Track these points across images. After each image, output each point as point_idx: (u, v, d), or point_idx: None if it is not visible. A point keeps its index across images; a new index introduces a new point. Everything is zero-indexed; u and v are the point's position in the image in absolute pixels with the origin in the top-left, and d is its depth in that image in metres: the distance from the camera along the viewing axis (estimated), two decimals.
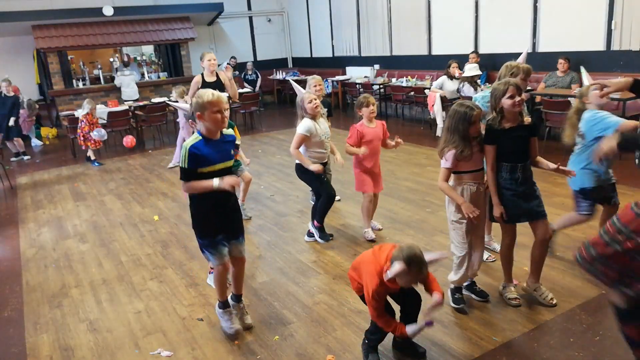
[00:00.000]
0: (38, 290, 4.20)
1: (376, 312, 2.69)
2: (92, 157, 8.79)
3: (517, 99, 3.05)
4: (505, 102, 3.08)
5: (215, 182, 2.89)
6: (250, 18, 15.00)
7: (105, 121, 9.74)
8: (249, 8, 14.89)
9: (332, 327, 3.30)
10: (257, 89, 13.03)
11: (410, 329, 2.66)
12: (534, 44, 8.37)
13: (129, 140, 8.96)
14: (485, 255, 3.92)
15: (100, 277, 4.36)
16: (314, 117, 4.37)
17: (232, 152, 3.10)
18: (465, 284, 3.50)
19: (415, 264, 2.48)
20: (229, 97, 6.08)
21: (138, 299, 3.91)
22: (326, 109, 5.37)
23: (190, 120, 3.63)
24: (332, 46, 13.75)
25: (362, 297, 2.83)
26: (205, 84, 5.83)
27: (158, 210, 6.03)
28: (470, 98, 7.67)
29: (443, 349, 2.98)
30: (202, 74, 6.02)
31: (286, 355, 3.06)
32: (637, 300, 2.13)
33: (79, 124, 8.72)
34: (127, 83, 11.77)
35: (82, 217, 6.02)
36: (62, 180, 7.87)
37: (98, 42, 11.86)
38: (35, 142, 11.17)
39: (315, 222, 4.61)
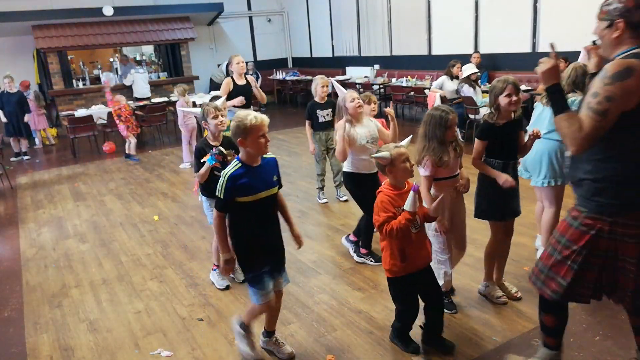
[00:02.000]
0: (38, 290, 4.20)
1: (384, 222, 2.72)
2: (133, 152, 8.86)
3: (514, 98, 3.06)
4: (503, 100, 3.08)
5: (224, 257, 2.75)
6: (250, 18, 15.00)
7: (105, 121, 9.75)
8: (249, 8, 14.89)
9: (332, 327, 3.30)
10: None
11: (407, 205, 2.66)
12: (534, 44, 8.36)
13: (108, 147, 9.06)
14: None
15: (100, 277, 4.36)
16: (355, 119, 3.92)
17: (275, 178, 2.84)
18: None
19: (395, 146, 2.79)
20: (252, 102, 6.04)
21: (138, 299, 3.91)
22: (330, 109, 5.42)
23: (203, 122, 3.63)
24: (332, 46, 13.75)
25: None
26: (235, 86, 5.89)
27: (158, 210, 6.03)
28: (470, 98, 7.71)
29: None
30: (232, 77, 6.00)
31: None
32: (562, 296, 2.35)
33: (119, 118, 8.74)
34: (142, 79, 11.83)
35: (82, 217, 6.02)
36: (62, 180, 7.87)
37: (98, 42, 11.86)
38: (36, 141, 11.13)
39: (362, 249, 4.22)
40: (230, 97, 5.77)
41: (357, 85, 11.46)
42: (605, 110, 2.02)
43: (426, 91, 9.22)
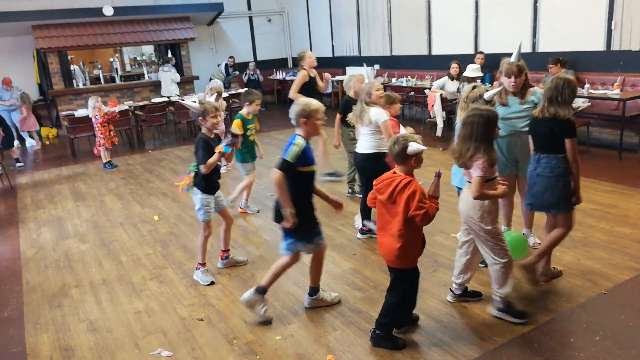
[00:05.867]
0: (38, 290, 4.20)
1: (428, 208, 2.78)
2: (108, 158, 8.43)
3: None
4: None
5: (290, 210, 3.17)
6: (250, 18, 15.00)
7: None
8: (249, 8, 14.89)
9: (332, 327, 3.30)
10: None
11: (431, 190, 2.87)
12: (534, 44, 8.36)
13: (98, 150, 8.96)
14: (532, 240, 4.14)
15: (100, 277, 4.36)
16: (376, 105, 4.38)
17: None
18: (458, 288, 3.43)
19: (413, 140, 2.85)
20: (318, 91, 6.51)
21: (138, 299, 3.91)
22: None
23: (200, 118, 3.87)
24: (332, 46, 13.75)
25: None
26: (310, 78, 6.35)
27: (158, 210, 6.03)
28: None
29: (443, 349, 2.98)
30: (306, 69, 6.37)
31: (286, 355, 3.06)
32: None
33: (94, 124, 8.29)
34: (165, 77, 11.85)
35: (82, 217, 6.02)
36: (62, 180, 7.87)
37: (98, 42, 11.86)
38: (30, 142, 11.01)
39: (363, 226, 4.68)
40: (303, 87, 6.17)
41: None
42: None
43: (426, 91, 9.22)
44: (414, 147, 2.80)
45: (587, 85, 7.10)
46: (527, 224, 4.23)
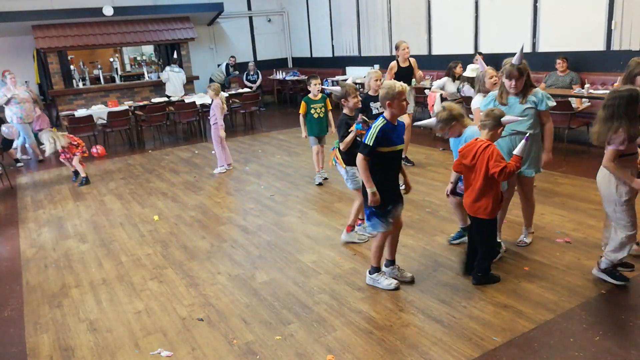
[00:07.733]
0: (38, 290, 4.20)
1: (505, 167, 3.24)
2: (78, 173, 7.56)
3: None
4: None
5: (371, 190, 3.43)
6: (250, 18, 15.01)
7: (105, 121, 9.75)
8: (249, 8, 14.89)
9: (332, 327, 3.30)
10: (255, 88, 12.99)
11: (518, 151, 3.27)
12: (534, 44, 8.36)
13: (97, 150, 8.82)
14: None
15: (100, 277, 4.36)
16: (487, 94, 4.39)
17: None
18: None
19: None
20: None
21: (138, 299, 3.91)
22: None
23: (343, 100, 4.41)
24: (332, 46, 13.75)
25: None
26: (400, 69, 6.71)
27: (158, 210, 6.03)
28: (470, 98, 7.69)
29: (443, 349, 2.98)
30: (397, 61, 6.71)
31: (286, 355, 3.06)
32: None
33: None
34: (175, 78, 11.86)
35: (82, 217, 6.02)
36: (62, 180, 7.87)
37: (98, 42, 11.86)
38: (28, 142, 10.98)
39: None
40: (396, 78, 6.32)
41: (357, 85, 11.46)
42: None
43: (426, 91, 9.22)
44: (508, 117, 3.33)
45: (587, 85, 7.10)
46: (527, 223, 4.23)
